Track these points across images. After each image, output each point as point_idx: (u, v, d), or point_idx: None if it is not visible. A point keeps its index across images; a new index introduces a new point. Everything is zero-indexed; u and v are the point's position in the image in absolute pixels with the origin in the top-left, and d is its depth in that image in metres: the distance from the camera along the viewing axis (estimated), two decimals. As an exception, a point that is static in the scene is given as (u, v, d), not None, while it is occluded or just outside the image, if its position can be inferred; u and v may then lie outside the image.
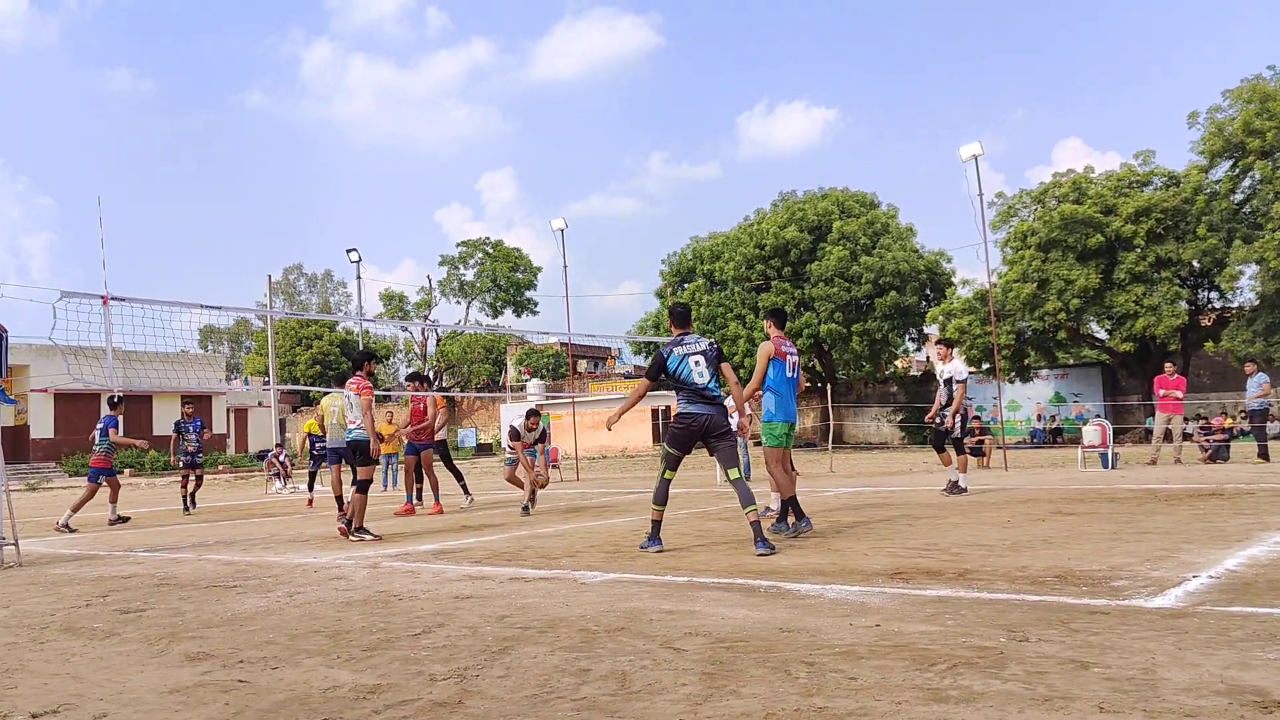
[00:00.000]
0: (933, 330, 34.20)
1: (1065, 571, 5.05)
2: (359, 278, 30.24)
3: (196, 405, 16.22)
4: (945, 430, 10.60)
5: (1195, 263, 27.49)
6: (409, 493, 12.36)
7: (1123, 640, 3.45)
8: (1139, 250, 27.61)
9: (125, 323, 10.49)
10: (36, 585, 6.39)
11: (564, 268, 23.95)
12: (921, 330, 36.64)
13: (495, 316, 55.99)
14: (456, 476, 12.60)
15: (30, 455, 36.45)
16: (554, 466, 21.74)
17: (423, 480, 12.27)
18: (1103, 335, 31.12)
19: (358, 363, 9.13)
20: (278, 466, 22.15)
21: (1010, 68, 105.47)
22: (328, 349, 54.46)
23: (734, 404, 7.47)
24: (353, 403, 8.84)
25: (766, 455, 7.62)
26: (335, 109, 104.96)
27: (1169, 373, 16.09)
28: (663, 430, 36.94)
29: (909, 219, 41.14)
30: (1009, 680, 2.99)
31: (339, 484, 10.71)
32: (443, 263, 56.39)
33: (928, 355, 40.25)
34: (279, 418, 29.45)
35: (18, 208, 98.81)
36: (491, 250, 55.94)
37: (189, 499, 14.20)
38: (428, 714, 2.94)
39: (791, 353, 7.62)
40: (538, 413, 11.59)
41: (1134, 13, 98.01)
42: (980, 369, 30.72)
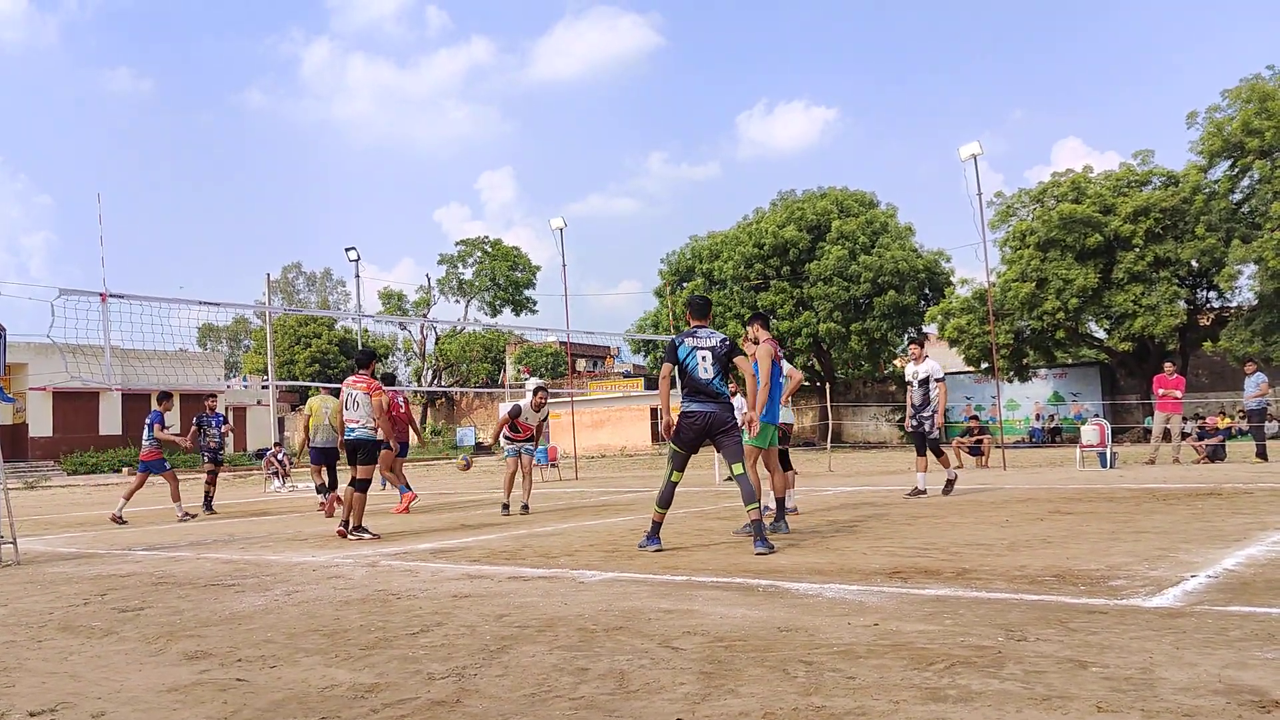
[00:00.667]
0: (932, 329, 34.23)
1: (1063, 571, 5.05)
2: (358, 276, 30.09)
3: (194, 403, 16.12)
4: (924, 433, 10.60)
5: (1194, 262, 27.52)
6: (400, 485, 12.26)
7: (1121, 640, 3.46)
8: (1138, 250, 27.63)
9: (123, 320, 10.50)
10: (34, 584, 6.38)
11: (563, 267, 23.78)
12: (921, 330, 36.65)
13: (494, 315, 55.98)
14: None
15: (29, 453, 36.43)
16: (553, 465, 21.77)
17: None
18: (1101, 335, 31.13)
19: (362, 361, 8.98)
20: (276, 465, 22.15)
21: (1009, 68, 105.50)
22: (326, 348, 54.39)
23: (746, 400, 7.55)
24: (359, 402, 8.63)
25: (745, 453, 7.66)
26: (335, 109, 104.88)
27: (1168, 372, 16.11)
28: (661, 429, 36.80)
29: (908, 218, 41.26)
30: (1007, 679, 2.99)
31: (319, 475, 11.75)
32: (441, 261, 56.46)
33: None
34: (278, 416, 29.38)
35: (17, 206, 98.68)
36: (490, 249, 55.90)
37: (207, 499, 14.06)
38: (426, 713, 2.94)
39: (781, 355, 7.81)
40: (545, 389, 10.96)
41: (1133, 13, 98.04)
42: (979, 368, 30.72)
